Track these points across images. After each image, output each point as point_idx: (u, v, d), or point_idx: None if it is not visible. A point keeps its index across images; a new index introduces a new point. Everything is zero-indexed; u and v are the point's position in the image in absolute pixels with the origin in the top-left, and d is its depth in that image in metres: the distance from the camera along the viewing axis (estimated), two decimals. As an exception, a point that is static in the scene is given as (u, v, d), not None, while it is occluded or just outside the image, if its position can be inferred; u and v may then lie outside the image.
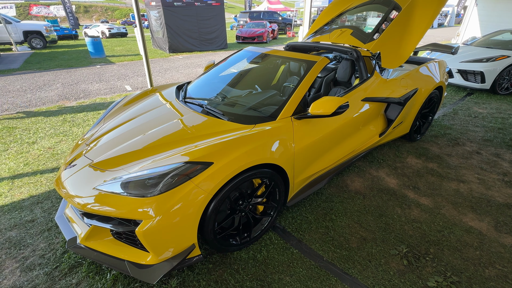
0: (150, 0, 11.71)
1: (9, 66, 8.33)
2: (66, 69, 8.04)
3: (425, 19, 2.58)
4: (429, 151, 3.17)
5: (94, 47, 10.00)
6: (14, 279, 1.63)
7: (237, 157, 1.55)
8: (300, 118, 1.92)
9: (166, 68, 8.20)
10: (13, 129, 3.78)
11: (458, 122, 4.00)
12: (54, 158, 2.99)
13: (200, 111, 2.08)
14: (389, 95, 2.63)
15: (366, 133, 2.58)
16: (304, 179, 2.05)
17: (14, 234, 1.96)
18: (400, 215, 2.17)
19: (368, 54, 2.69)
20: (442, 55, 5.49)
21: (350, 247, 1.87)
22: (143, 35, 3.96)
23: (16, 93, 5.57)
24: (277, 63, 2.98)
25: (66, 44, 14.36)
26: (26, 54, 10.83)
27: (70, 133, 3.63)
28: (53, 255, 1.79)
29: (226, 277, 1.66)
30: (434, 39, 15.63)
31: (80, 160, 1.77)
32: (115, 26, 19.18)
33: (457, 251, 1.85)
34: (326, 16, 3.51)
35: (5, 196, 2.37)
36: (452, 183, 2.58)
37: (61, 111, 4.49)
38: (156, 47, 12.75)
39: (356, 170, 2.79)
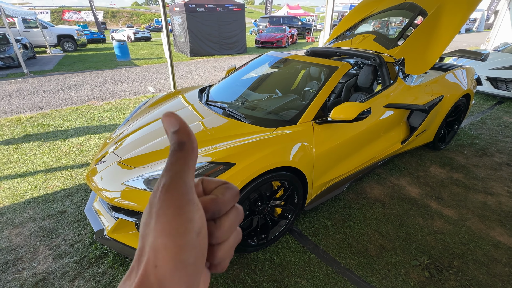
0: (174, 6, 12.16)
1: (43, 68, 8.94)
2: (94, 71, 8.50)
3: (452, 25, 2.51)
4: (454, 160, 3.05)
5: (121, 50, 10.50)
6: (47, 265, 1.75)
7: (258, 159, 1.58)
8: (320, 123, 1.93)
9: (187, 71, 8.45)
10: (46, 126, 4.06)
11: (486, 131, 3.82)
12: (83, 155, 3.17)
13: (221, 113, 2.14)
14: (413, 102, 2.58)
15: (388, 140, 2.53)
16: (323, 184, 2.05)
17: (47, 223, 2.11)
18: (422, 226, 2.11)
19: (391, 60, 2.66)
20: (469, 62, 5.27)
21: (368, 255, 1.84)
22: (169, 40, 4.13)
23: (50, 93, 5.97)
24: (297, 68, 3.01)
25: (95, 48, 15.18)
26: (58, 56, 11.57)
27: (97, 131, 3.83)
28: (82, 245, 1.90)
29: (243, 277, 1.69)
30: (462, 45, 14.98)
31: (110, 157, 1.88)
32: (140, 31, 20.04)
33: (484, 266, 1.76)
34: (348, 21, 3.50)
35: (40, 188, 2.55)
36: (479, 195, 2.47)
37: (89, 111, 4.76)
38: (178, 51, 13.18)
39: (376, 177, 2.74)
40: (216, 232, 0.23)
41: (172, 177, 0.20)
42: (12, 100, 5.43)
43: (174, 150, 0.21)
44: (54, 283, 1.65)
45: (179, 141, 0.22)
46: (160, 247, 0.19)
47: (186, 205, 0.20)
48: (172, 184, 0.20)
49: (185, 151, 0.21)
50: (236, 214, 0.25)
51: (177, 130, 0.22)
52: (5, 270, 1.73)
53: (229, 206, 0.24)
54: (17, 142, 3.52)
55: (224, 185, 0.25)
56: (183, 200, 0.20)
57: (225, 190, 0.25)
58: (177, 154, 0.21)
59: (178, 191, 0.20)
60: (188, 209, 0.20)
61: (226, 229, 0.24)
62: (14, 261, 1.79)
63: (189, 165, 0.21)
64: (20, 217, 2.18)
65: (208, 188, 0.25)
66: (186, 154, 0.21)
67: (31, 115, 4.52)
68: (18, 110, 4.85)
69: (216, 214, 0.24)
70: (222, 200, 0.24)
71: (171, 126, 0.22)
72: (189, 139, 0.22)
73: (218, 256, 0.24)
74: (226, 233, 0.24)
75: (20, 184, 2.61)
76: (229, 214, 0.24)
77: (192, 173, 0.22)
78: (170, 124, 0.22)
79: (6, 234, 2.01)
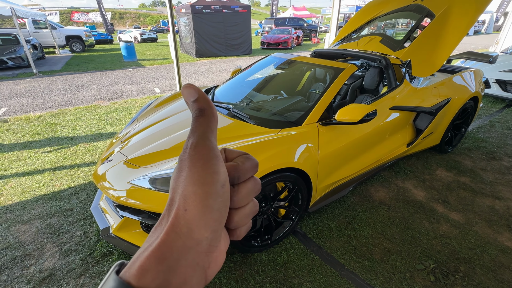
0: (181, 8, 12.26)
1: (52, 68, 9.10)
2: (101, 71, 8.62)
3: (460, 27, 2.48)
4: (461, 164, 3.01)
5: (127, 51, 10.63)
6: (54, 261, 1.78)
7: (263, 160, 1.58)
8: (325, 125, 1.93)
9: (192, 72, 8.51)
10: (54, 125, 4.13)
11: (494, 135, 3.76)
12: (89, 154, 3.22)
13: (226, 114, 2.15)
14: (419, 104, 2.55)
15: (393, 143, 2.51)
16: (327, 186, 2.04)
17: (54, 221, 2.14)
18: (428, 229, 2.08)
19: (397, 62, 2.64)
20: (478, 64, 5.19)
21: (373, 258, 1.83)
22: (175, 41, 4.17)
23: (58, 93, 6.07)
24: (302, 70, 3.01)
25: (102, 48, 15.40)
26: (67, 56, 11.76)
27: (104, 131, 3.88)
28: (88, 243, 1.93)
29: (246, 277, 1.69)
30: (470, 47, 14.78)
31: (116, 156, 1.90)
32: (146, 32, 20.26)
33: (491, 272, 1.73)
34: (354, 23, 3.48)
35: (47, 186, 2.60)
36: (487, 199, 2.43)
37: (96, 110, 4.83)
38: (184, 52, 13.28)
39: (381, 180, 2.72)
40: (234, 197, 0.25)
41: (199, 136, 0.23)
42: (22, 99, 5.53)
43: (196, 116, 0.24)
44: (60, 279, 1.67)
45: (200, 107, 0.24)
46: (190, 194, 0.21)
47: (212, 159, 0.22)
48: (199, 142, 0.23)
49: (206, 116, 0.24)
50: (254, 184, 0.27)
51: (197, 98, 0.24)
52: (13, 265, 1.76)
53: (248, 175, 0.26)
54: (26, 140, 3.58)
55: (244, 155, 0.28)
56: (210, 154, 0.22)
57: (245, 159, 0.27)
58: (200, 119, 0.23)
59: (205, 147, 0.22)
60: (214, 163, 0.22)
61: (243, 196, 0.26)
62: (22, 257, 1.82)
63: (211, 127, 0.24)
64: (28, 214, 2.22)
65: (230, 157, 0.28)
66: (207, 118, 0.24)
67: (40, 114, 4.61)
68: (27, 109, 4.95)
69: (235, 180, 0.26)
70: (242, 168, 0.26)
71: (191, 96, 0.24)
72: (209, 106, 0.24)
73: (234, 220, 0.26)
74: (243, 199, 0.26)
75: (28, 182, 2.66)
76: (247, 182, 0.26)
77: (215, 135, 0.24)
78: (190, 94, 0.24)
79: (15, 230, 2.05)
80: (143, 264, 0.20)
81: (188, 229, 0.21)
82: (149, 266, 0.19)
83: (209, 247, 0.22)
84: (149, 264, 0.20)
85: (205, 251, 0.22)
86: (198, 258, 0.22)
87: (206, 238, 0.22)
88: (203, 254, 0.22)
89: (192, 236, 0.21)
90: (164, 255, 0.20)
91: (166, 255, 0.20)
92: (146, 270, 0.19)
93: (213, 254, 0.23)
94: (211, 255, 0.23)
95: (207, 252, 0.22)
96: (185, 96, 0.24)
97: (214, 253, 0.23)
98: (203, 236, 0.22)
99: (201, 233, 0.21)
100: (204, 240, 0.22)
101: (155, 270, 0.19)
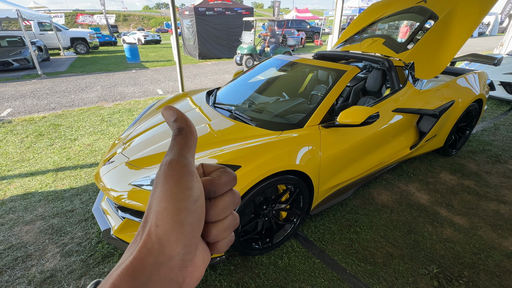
0: (184, 10, 12.34)
1: (57, 69, 9.19)
2: (105, 73, 8.69)
3: (464, 29, 2.46)
4: (465, 167, 2.97)
5: (131, 53, 10.71)
6: (55, 262, 1.78)
7: (264, 162, 1.58)
8: (327, 127, 1.92)
9: (195, 74, 8.54)
10: (58, 126, 4.16)
11: (499, 138, 3.71)
12: (92, 155, 3.23)
13: (228, 116, 2.15)
14: (422, 107, 2.53)
15: (396, 145, 2.49)
16: (329, 188, 2.03)
17: (56, 221, 2.15)
18: (431, 233, 2.05)
19: (400, 64, 2.62)
20: (482, 66, 5.15)
21: (375, 262, 1.81)
22: (178, 43, 4.19)
23: (62, 94, 6.12)
24: (305, 71, 3.00)
25: (106, 50, 15.53)
26: (71, 58, 11.88)
27: (107, 132, 3.90)
28: (89, 244, 1.93)
29: (247, 280, 1.68)
30: (474, 49, 14.68)
31: (117, 158, 1.90)
32: (150, 34, 20.40)
33: (496, 277, 1.70)
34: (357, 25, 3.47)
35: (50, 186, 2.61)
36: (492, 203, 2.39)
37: (99, 111, 4.86)
38: (187, 54, 13.34)
39: (384, 183, 2.69)
40: (211, 210, 0.26)
41: (174, 154, 0.24)
42: (26, 100, 5.59)
43: (174, 135, 0.25)
44: (61, 280, 1.67)
45: (178, 127, 0.25)
46: (162, 209, 0.22)
47: (186, 175, 0.23)
48: (174, 159, 0.23)
49: (184, 134, 0.25)
50: (232, 197, 0.27)
51: (176, 118, 0.25)
52: (14, 266, 1.77)
53: (225, 188, 0.27)
54: (29, 141, 3.61)
55: (221, 169, 0.28)
56: (183, 171, 0.23)
57: (221, 173, 0.27)
58: (177, 138, 0.24)
59: (179, 164, 0.23)
60: (187, 178, 0.23)
61: (220, 209, 0.26)
62: (23, 258, 1.82)
63: (188, 145, 0.24)
64: (31, 214, 2.23)
65: (207, 171, 0.28)
66: (185, 136, 0.25)
67: (44, 115, 4.65)
68: (31, 110, 4.99)
69: (211, 194, 0.26)
70: (218, 182, 0.26)
71: (170, 116, 0.25)
72: (187, 125, 0.25)
73: (212, 234, 0.26)
74: (220, 213, 0.26)
75: (31, 183, 2.67)
76: (224, 196, 0.27)
77: (192, 153, 0.25)
78: (169, 115, 0.26)
79: (17, 231, 2.06)
80: (115, 281, 0.20)
81: (160, 245, 0.21)
82: (120, 283, 0.20)
83: (182, 262, 0.23)
84: (121, 282, 0.20)
85: (178, 266, 0.22)
86: (171, 274, 0.22)
87: (178, 253, 0.22)
88: (176, 269, 0.22)
89: (164, 252, 0.21)
90: (136, 272, 0.20)
91: (138, 272, 0.20)
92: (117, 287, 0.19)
93: (187, 269, 0.23)
94: (185, 270, 0.23)
95: (180, 267, 0.22)
96: (166, 117, 0.26)
97: (188, 268, 0.23)
98: (174, 251, 0.22)
99: (172, 248, 0.22)
100: (176, 255, 0.22)
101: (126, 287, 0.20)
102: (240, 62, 9.37)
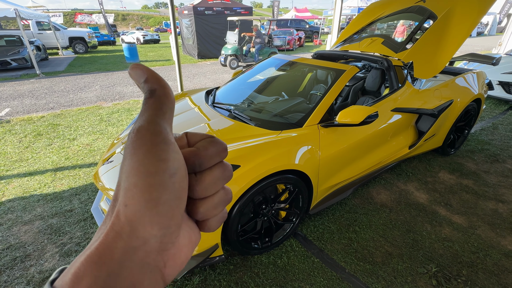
0: (183, 9, 12.31)
1: (55, 69, 9.15)
2: (104, 72, 8.66)
3: (463, 29, 2.47)
4: (464, 166, 2.98)
5: (130, 52, 10.68)
6: (54, 262, 1.78)
7: (263, 161, 1.58)
8: (326, 126, 1.92)
9: (194, 73, 8.53)
10: (56, 126, 4.14)
11: (498, 137, 3.72)
12: (91, 154, 3.23)
13: (227, 115, 2.15)
14: (421, 106, 2.54)
15: (395, 145, 2.50)
16: (328, 188, 2.03)
17: (55, 221, 2.15)
18: (430, 232, 2.06)
19: (399, 63, 2.63)
20: (480, 66, 5.16)
21: (374, 261, 1.81)
22: (177, 43, 4.18)
23: (60, 93, 6.10)
24: (304, 71, 3.00)
25: (105, 50, 15.48)
26: (70, 58, 11.84)
27: (106, 132, 3.89)
28: (88, 244, 1.92)
29: (246, 280, 1.68)
30: (473, 48, 14.72)
31: (117, 157, 1.90)
32: (149, 33, 20.35)
33: (494, 276, 1.71)
34: (356, 24, 3.48)
35: (48, 186, 2.60)
36: (490, 203, 2.40)
37: (98, 111, 4.84)
38: (186, 53, 13.32)
39: (383, 182, 2.70)
40: (197, 186, 0.23)
41: (145, 119, 0.20)
42: (25, 100, 5.57)
43: (145, 98, 0.21)
44: (60, 280, 1.67)
45: (150, 88, 0.21)
46: (130, 186, 0.19)
47: (158, 144, 0.19)
48: (143, 126, 0.20)
49: (157, 97, 0.21)
50: (222, 170, 0.24)
51: (146, 78, 0.21)
52: (13, 266, 1.76)
53: (213, 161, 0.23)
54: (28, 141, 3.60)
55: (208, 138, 0.24)
56: (155, 140, 0.19)
57: (208, 143, 0.24)
58: (149, 101, 0.21)
59: (149, 131, 0.19)
60: (161, 148, 0.19)
61: (208, 184, 0.23)
62: (22, 258, 1.82)
63: (162, 109, 0.21)
64: (29, 214, 2.22)
65: (192, 141, 0.24)
66: (158, 99, 0.21)
67: (42, 115, 4.63)
68: (30, 110, 4.98)
69: (197, 168, 0.23)
70: (204, 153, 0.23)
71: (140, 77, 0.22)
72: (160, 85, 0.21)
73: (200, 212, 0.23)
74: (208, 188, 0.23)
75: (30, 182, 2.66)
76: (213, 169, 0.23)
77: (168, 118, 0.21)
78: (138, 75, 0.22)
79: (16, 231, 2.05)
80: (77, 270, 0.17)
81: (131, 227, 0.18)
82: (84, 272, 0.17)
83: (161, 245, 0.20)
84: (84, 270, 0.17)
85: (156, 250, 0.20)
86: (148, 258, 0.19)
87: (155, 236, 0.19)
88: (154, 253, 0.20)
89: (136, 235, 0.19)
90: (102, 258, 0.18)
91: (104, 259, 0.18)
92: (80, 277, 0.17)
93: (168, 252, 0.21)
94: (166, 253, 0.21)
95: (159, 251, 0.20)
96: (134, 78, 0.22)
97: (170, 251, 0.21)
98: (149, 233, 0.19)
99: (146, 230, 0.19)
100: (152, 238, 0.19)
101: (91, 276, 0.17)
102: (225, 63, 9.18)
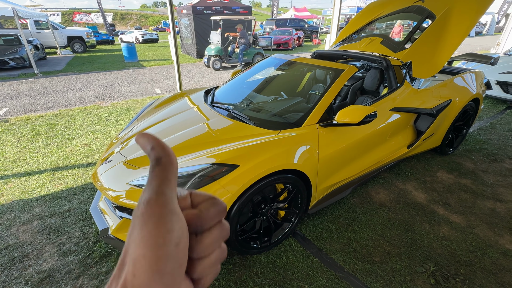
0: (182, 9, 12.29)
1: (53, 68, 9.12)
2: (102, 71, 8.64)
3: (461, 29, 2.47)
4: (462, 166, 2.99)
5: (128, 52, 10.65)
6: (52, 262, 1.78)
7: (262, 161, 1.58)
8: (325, 126, 1.92)
9: (193, 73, 8.52)
10: (55, 125, 4.13)
11: (496, 137, 3.74)
12: (89, 154, 3.22)
13: (226, 115, 2.15)
14: (420, 106, 2.54)
15: (394, 144, 2.50)
16: (327, 187, 2.03)
17: (53, 221, 2.14)
18: (428, 232, 2.07)
19: (398, 63, 2.63)
20: (479, 66, 5.18)
21: (372, 260, 1.82)
22: (176, 42, 4.18)
23: (59, 93, 6.08)
24: (303, 71, 3.00)
25: (104, 49, 15.43)
26: (68, 57, 11.79)
27: (104, 131, 3.89)
28: (86, 244, 1.92)
29: (245, 279, 1.68)
30: (471, 48, 14.76)
31: (115, 157, 1.90)
32: (147, 33, 20.30)
33: (492, 275, 1.72)
34: (355, 24, 3.48)
35: (47, 186, 2.59)
36: (488, 202, 2.41)
37: (97, 111, 4.83)
38: (185, 53, 13.29)
39: (382, 181, 2.70)
40: (197, 246, 0.24)
41: (152, 191, 0.21)
42: (23, 99, 5.55)
43: (152, 166, 0.22)
44: (58, 280, 1.67)
45: (156, 156, 0.22)
46: (140, 257, 0.20)
47: (166, 216, 0.21)
48: (152, 197, 0.21)
49: (163, 165, 0.22)
50: (220, 231, 0.25)
51: (152, 146, 0.23)
52: (11, 266, 1.76)
53: (213, 222, 0.25)
54: (26, 141, 3.59)
55: (210, 200, 0.25)
56: (163, 211, 0.21)
57: (210, 205, 0.25)
58: (155, 170, 0.22)
59: (158, 203, 0.21)
60: (168, 219, 0.21)
61: (207, 245, 0.24)
62: (20, 258, 1.82)
63: (168, 178, 0.22)
64: (28, 214, 2.22)
65: (195, 202, 0.25)
66: (164, 168, 0.22)
67: (41, 115, 4.61)
68: (28, 109, 4.96)
69: (198, 229, 0.24)
70: (205, 216, 0.24)
71: (147, 144, 0.23)
72: (165, 154, 0.23)
73: (197, 271, 0.24)
74: (207, 248, 0.24)
75: (28, 182, 2.66)
76: (212, 230, 0.24)
77: (173, 185, 0.22)
78: (146, 143, 0.23)
79: (14, 231, 2.05)
80: None
81: None
82: None
83: None
84: None
85: None
86: None
87: None
88: None
89: None
90: None
91: None
92: None
93: None
94: None
95: None
96: (142, 145, 0.23)
97: None
98: None
99: None
100: None
101: None
102: (208, 64, 9.02)
